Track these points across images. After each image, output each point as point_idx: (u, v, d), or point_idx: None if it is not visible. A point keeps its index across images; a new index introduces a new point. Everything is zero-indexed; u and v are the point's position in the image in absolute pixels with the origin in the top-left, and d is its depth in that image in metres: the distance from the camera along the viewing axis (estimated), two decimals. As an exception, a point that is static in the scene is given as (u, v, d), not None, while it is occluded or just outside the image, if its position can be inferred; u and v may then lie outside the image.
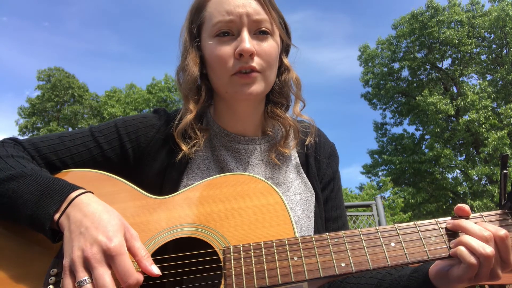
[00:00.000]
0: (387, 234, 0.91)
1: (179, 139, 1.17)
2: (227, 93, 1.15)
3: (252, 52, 1.09)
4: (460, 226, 0.92)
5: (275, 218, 0.97)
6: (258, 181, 1.04)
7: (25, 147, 1.11)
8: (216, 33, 1.13)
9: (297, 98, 1.26)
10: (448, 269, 0.94)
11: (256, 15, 1.12)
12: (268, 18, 1.14)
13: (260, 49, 1.12)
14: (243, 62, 1.10)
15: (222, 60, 1.11)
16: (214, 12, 1.14)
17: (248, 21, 1.11)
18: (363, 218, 5.50)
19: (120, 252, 0.82)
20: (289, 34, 1.27)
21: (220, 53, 1.11)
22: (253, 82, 1.11)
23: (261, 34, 1.14)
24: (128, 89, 27.72)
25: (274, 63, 1.17)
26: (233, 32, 1.12)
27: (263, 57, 1.12)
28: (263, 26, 1.13)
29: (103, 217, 0.87)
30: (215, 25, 1.12)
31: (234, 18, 1.10)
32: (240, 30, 1.11)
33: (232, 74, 1.11)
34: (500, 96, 22.95)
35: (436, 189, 22.36)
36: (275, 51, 1.16)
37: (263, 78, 1.13)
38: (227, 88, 1.14)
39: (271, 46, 1.14)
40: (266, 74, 1.14)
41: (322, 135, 1.38)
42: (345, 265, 0.86)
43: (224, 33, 1.12)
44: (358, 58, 26.78)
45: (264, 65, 1.13)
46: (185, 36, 1.22)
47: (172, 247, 0.99)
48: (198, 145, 1.17)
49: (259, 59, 1.12)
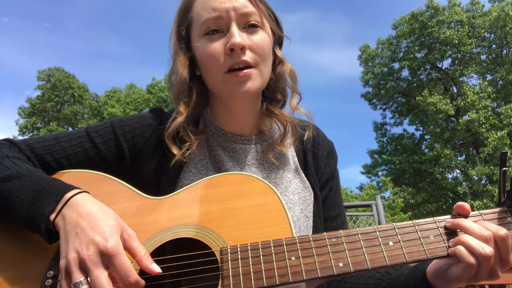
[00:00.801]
0: (385, 234, 0.90)
1: (169, 142, 1.15)
2: (223, 92, 1.14)
3: (243, 45, 1.07)
4: (459, 225, 0.91)
5: (272, 218, 0.96)
6: (255, 180, 1.03)
7: (21, 148, 1.11)
8: (205, 31, 1.11)
9: (293, 91, 1.24)
10: (446, 268, 0.93)
11: (243, 9, 1.10)
12: (256, 11, 1.12)
13: (252, 43, 1.10)
14: (235, 57, 1.08)
15: (214, 57, 1.09)
16: (201, 11, 1.12)
17: (236, 15, 1.10)
18: (363, 218, 5.49)
19: (117, 252, 0.81)
20: (280, 26, 1.25)
21: (211, 50, 1.10)
22: (248, 79, 1.10)
23: (251, 28, 1.12)
24: (128, 89, 27.73)
25: (268, 56, 1.15)
26: (222, 28, 1.11)
27: (256, 50, 1.10)
28: (252, 19, 1.12)
29: (99, 217, 0.86)
30: (203, 24, 1.11)
31: (221, 14, 1.09)
32: (228, 25, 1.10)
33: (225, 71, 1.09)
34: (500, 96, 22.95)
35: (436, 189, 22.36)
36: (267, 43, 1.14)
37: (258, 73, 1.12)
38: (222, 88, 1.13)
39: (262, 38, 1.13)
40: (260, 68, 1.12)
41: (320, 131, 1.37)
42: (343, 265, 0.86)
43: (213, 31, 1.11)
44: (358, 58, 26.84)
45: (257, 59, 1.11)
46: (174, 40, 1.21)
47: (169, 248, 0.98)
48: (191, 149, 1.15)
49: (251, 53, 1.10)
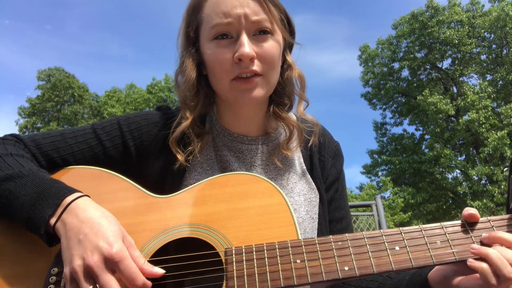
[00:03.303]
0: (391, 238, 0.90)
1: (174, 147, 1.14)
2: (228, 98, 1.14)
3: (252, 56, 1.06)
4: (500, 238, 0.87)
5: (278, 219, 0.95)
6: (261, 181, 1.03)
7: (27, 144, 1.10)
8: (214, 36, 1.09)
9: (300, 98, 1.23)
10: (452, 276, 0.92)
11: (254, 16, 1.07)
12: (267, 17, 1.09)
13: (261, 51, 1.08)
14: (243, 67, 1.06)
15: (221, 64, 1.08)
16: (212, 14, 1.09)
17: (246, 23, 1.06)
18: (363, 218, 5.49)
19: (123, 257, 0.81)
20: (293, 29, 1.23)
21: (219, 57, 1.08)
22: (255, 87, 1.08)
23: (261, 34, 1.09)
24: (128, 89, 27.70)
25: (276, 63, 1.13)
26: (231, 34, 1.08)
27: (265, 59, 1.09)
28: (263, 26, 1.09)
29: (101, 223, 0.86)
30: (213, 28, 1.08)
31: (232, 20, 1.06)
32: (239, 32, 1.07)
33: (232, 79, 1.08)
34: (500, 96, 22.94)
35: (436, 189, 22.34)
36: (276, 51, 1.12)
37: (265, 81, 1.10)
38: (228, 94, 1.12)
39: (272, 46, 1.10)
40: (268, 77, 1.11)
41: (326, 134, 1.34)
42: (349, 269, 0.85)
43: (223, 36, 1.08)
44: (358, 58, 26.80)
45: (265, 68, 1.09)
46: (182, 39, 1.20)
47: (173, 247, 0.98)
48: (194, 153, 1.14)
49: (260, 62, 1.08)
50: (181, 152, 1.14)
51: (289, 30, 1.21)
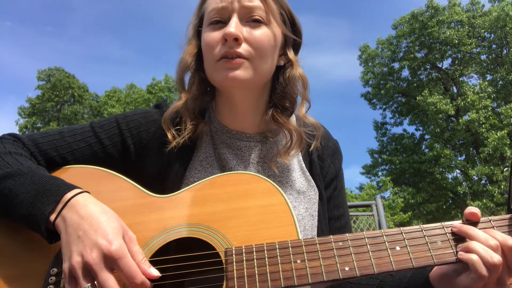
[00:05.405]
0: (392, 238, 0.89)
1: (166, 126, 1.15)
2: (215, 81, 1.13)
3: (236, 35, 1.05)
4: (466, 232, 0.89)
5: (278, 219, 0.95)
6: (261, 180, 1.02)
7: (25, 143, 1.10)
8: (210, 21, 1.12)
9: (303, 98, 1.21)
10: (453, 275, 0.92)
11: (247, 2, 1.09)
12: (261, 6, 1.10)
13: (250, 36, 1.08)
14: (228, 47, 1.06)
15: (210, 46, 1.09)
16: (211, 2, 1.13)
17: (239, 7, 1.09)
18: (363, 218, 5.48)
19: (122, 255, 0.81)
20: (297, 28, 1.22)
21: (209, 39, 1.10)
22: (238, 67, 1.07)
23: (254, 22, 1.10)
24: (128, 89, 27.69)
25: (267, 52, 1.10)
26: (225, 19, 1.10)
27: (253, 44, 1.08)
28: (256, 14, 1.09)
29: (101, 219, 0.85)
30: (209, 14, 1.12)
31: (225, 4, 1.09)
32: (230, 15, 1.09)
33: (217, 60, 1.08)
34: (500, 96, 22.93)
35: (436, 189, 22.34)
36: (268, 40, 1.10)
37: (251, 66, 1.08)
38: (213, 75, 1.11)
39: (263, 33, 1.09)
40: (255, 63, 1.09)
41: (326, 136, 1.33)
42: (349, 269, 0.85)
43: (217, 21, 1.11)
44: (358, 58, 26.79)
45: (252, 52, 1.08)
46: (188, 30, 1.22)
47: (174, 247, 0.97)
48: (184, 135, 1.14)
49: (247, 46, 1.08)
50: (172, 131, 1.14)
51: (293, 30, 1.21)
